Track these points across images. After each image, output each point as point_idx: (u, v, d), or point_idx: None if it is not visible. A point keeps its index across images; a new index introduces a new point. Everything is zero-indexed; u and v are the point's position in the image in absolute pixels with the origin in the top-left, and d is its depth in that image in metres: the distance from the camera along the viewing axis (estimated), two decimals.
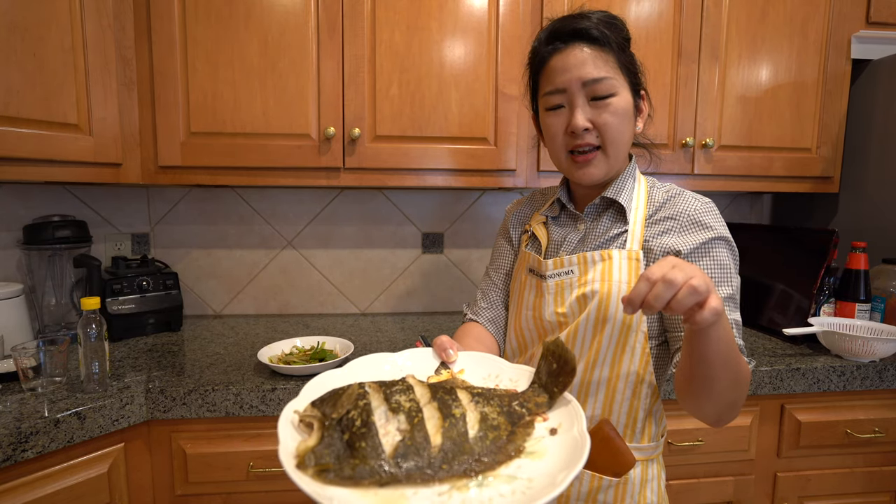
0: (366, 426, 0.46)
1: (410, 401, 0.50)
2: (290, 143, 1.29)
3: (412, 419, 0.48)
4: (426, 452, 0.45)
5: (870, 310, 1.33)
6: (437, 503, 0.41)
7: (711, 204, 0.78)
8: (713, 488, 1.20)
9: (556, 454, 0.47)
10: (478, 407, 0.52)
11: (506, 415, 0.52)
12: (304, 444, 0.46)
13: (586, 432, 0.48)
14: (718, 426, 0.73)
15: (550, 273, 0.81)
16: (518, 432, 0.50)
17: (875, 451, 1.24)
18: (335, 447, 0.45)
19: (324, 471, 0.43)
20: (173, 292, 1.46)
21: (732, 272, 0.75)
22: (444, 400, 0.51)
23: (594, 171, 0.77)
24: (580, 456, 0.44)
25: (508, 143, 1.34)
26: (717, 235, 0.75)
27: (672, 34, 1.38)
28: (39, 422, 0.88)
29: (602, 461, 0.76)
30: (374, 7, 1.28)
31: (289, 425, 0.49)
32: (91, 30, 1.15)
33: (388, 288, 1.72)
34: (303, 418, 0.50)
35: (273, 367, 1.09)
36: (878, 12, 1.46)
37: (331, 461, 0.44)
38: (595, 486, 0.78)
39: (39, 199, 1.48)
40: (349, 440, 0.45)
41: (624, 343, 0.75)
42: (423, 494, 0.42)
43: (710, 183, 1.46)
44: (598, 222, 0.82)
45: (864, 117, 1.49)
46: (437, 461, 0.45)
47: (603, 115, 0.74)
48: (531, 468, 0.46)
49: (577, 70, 0.74)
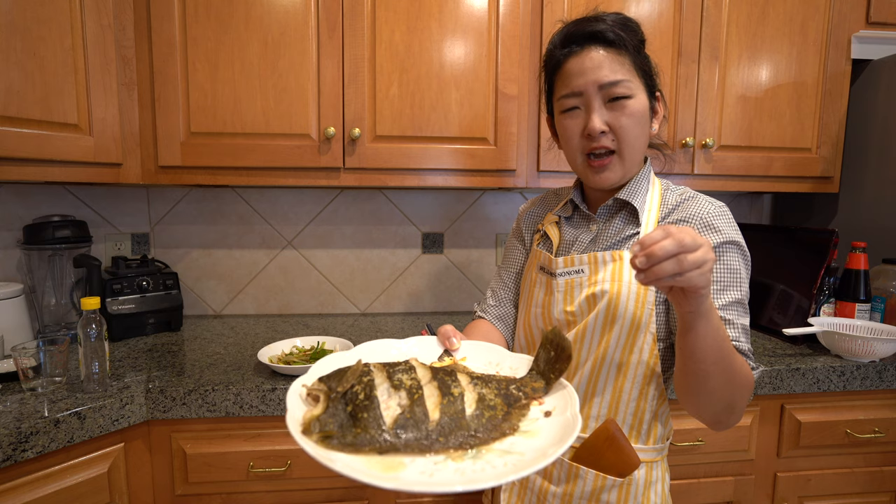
0: (368, 399, 0.49)
1: (412, 379, 0.53)
2: (291, 143, 1.29)
3: (412, 395, 0.50)
4: (424, 426, 0.48)
5: (870, 310, 1.33)
6: (432, 470, 0.44)
7: (725, 208, 0.77)
8: (713, 488, 1.20)
9: (549, 433, 0.49)
10: (476, 388, 0.54)
11: (503, 397, 0.54)
12: (310, 413, 0.49)
13: (579, 414, 0.50)
14: (718, 429, 0.73)
15: (561, 271, 0.81)
16: (514, 413, 0.52)
17: (875, 451, 1.24)
18: (339, 417, 0.48)
19: (327, 437, 0.46)
20: (173, 292, 1.46)
21: (743, 277, 0.74)
22: (444, 380, 0.54)
23: (610, 176, 0.77)
24: (571, 434, 0.46)
25: (508, 143, 1.34)
26: (729, 240, 0.74)
27: (672, 34, 1.38)
28: (39, 422, 0.88)
29: (606, 461, 0.77)
30: (374, 7, 1.28)
31: (297, 397, 0.52)
32: (91, 30, 1.15)
33: (388, 288, 1.72)
34: (310, 392, 0.53)
35: (273, 367, 1.09)
36: (878, 12, 1.46)
37: (334, 429, 0.47)
38: (599, 486, 0.77)
39: (39, 199, 1.48)
40: (352, 411, 0.48)
41: (632, 344, 0.75)
42: (419, 462, 0.45)
43: (709, 183, 1.46)
44: (611, 223, 0.82)
45: (864, 117, 1.49)
46: (434, 434, 0.48)
47: (620, 117, 0.74)
48: (524, 445, 0.48)
49: (593, 73, 0.74)
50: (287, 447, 1.06)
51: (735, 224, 0.76)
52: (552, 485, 0.81)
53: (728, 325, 0.73)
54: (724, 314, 0.73)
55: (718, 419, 0.70)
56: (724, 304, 0.73)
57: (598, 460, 0.77)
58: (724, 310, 0.73)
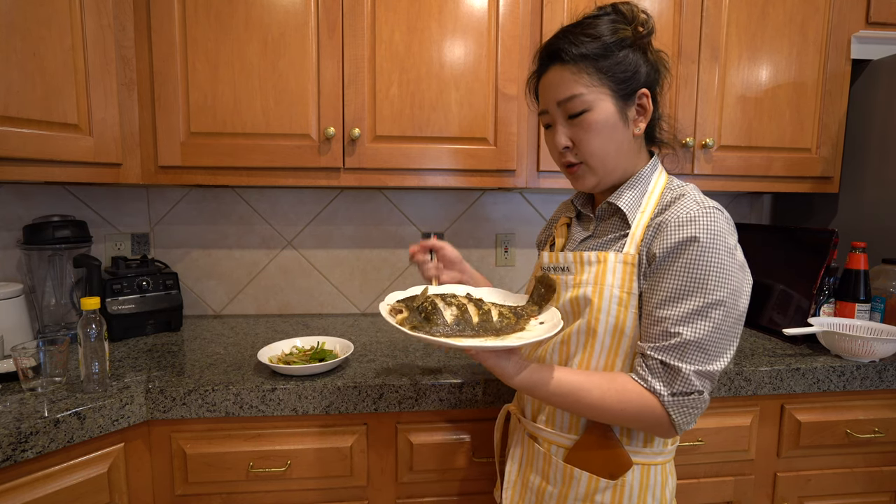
0: (434, 308, 0.76)
1: (458, 301, 0.79)
2: (290, 143, 1.29)
3: (461, 308, 0.77)
4: (468, 324, 0.75)
5: (869, 310, 1.33)
6: (477, 341, 0.71)
7: (712, 210, 0.71)
8: (713, 488, 1.20)
9: (542, 330, 0.75)
10: (497, 308, 0.81)
11: (514, 313, 0.80)
12: (400, 317, 0.76)
13: (560, 320, 0.75)
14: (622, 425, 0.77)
15: (546, 266, 0.85)
16: (520, 322, 0.79)
17: (875, 451, 1.24)
18: (417, 318, 0.75)
19: (415, 327, 0.73)
20: (173, 292, 1.46)
21: (710, 279, 0.68)
22: (478, 302, 0.81)
23: (585, 182, 0.82)
24: (556, 329, 0.71)
25: (508, 143, 1.34)
26: (687, 237, 0.69)
27: (672, 34, 1.38)
28: (39, 422, 0.88)
29: (597, 462, 0.78)
30: (374, 7, 1.28)
31: (386, 311, 0.77)
32: (91, 30, 1.15)
33: (388, 288, 1.72)
34: (392, 308, 0.79)
35: (273, 368, 1.09)
36: (878, 12, 1.46)
37: (417, 323, 0.74)
38: (593, 488, 0.78)
39: (39, 199, 1.48)
40: (425, 315, 0.75)
41: (617, 347, 0.76)
42: (468, 340, 0.72)
43: (709, 183, 1.46)
44: (608, 224, 0.83)
45: (864, 117, 1.49)
46: (475, 327, 0.75)
47: (578, 132, 0.78)
48: (528, 335, 0.74)
49: (552, 91, 0.79)
50: (287, 447, 1.06)
51: (717, 226, 0.70)
52: (549, 485, 0.82)
53: (643, 357, 0.72)
54: (675, 328, 0.69)
55: (626, 426, 0.76)
56: (678, 318, 0.69)
57: (589, 461, 0.78)
58: (677, 324, 0.69)
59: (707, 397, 0.71)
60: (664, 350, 0.70)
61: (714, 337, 0.69)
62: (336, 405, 1.05)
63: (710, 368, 0.70)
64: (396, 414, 1.09)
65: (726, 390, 1.15)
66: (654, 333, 0.72)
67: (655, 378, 0.71)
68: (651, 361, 0.72)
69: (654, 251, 0.73)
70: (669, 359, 0.70)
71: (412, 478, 1.11)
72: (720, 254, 0.69)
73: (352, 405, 1.05)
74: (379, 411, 1.07)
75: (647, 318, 0.73)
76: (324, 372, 1.10)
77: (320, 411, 1.05)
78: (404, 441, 1.09)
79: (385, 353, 1.26)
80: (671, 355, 0.70)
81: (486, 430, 1.11)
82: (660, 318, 0.71)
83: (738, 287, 0.70)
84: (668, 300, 0.71)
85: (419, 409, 1.07)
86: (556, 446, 0.82)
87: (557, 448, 0.82)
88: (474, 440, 1.11)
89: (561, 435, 0.81)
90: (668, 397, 0.70)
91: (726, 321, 0.70)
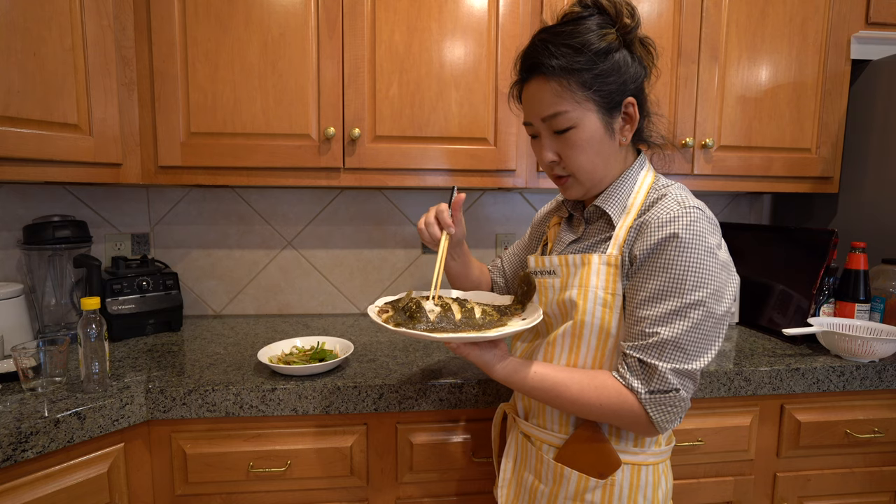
0: (418, 308, 0.79)
1: (443, 302, 0.83)
2: (290, 143, 1.29)
3: (444, 307, 0.81)
4: (451, 321, 0.78)
5: (869, 310, 1.33)
6: (457, 334, 0.73)
7: (692, 210, 0.70)
8: (713, 488, 1.20)
9: (524, 325, 0.77)
10: (481, 307, 0.84)
11: (497, 311, 0.84)
12: (385, 315, 0.81)
13: (542, 313, 0.80)
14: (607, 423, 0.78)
15: (533, 270, 0.85)
16: (504, 319, 0.82)
17: (875, 452, 1.24)
18: (402, 317, 0.79)
19: (398, 324, 0.77)
20: (173, 292, 1.46)
21: (689, 278, 0.68)
22: (462, 301, 0.85)
23: (573, 192, 0.82)
24: (536, 321, 0.77)
25: (508, 144, 1.34)
26: (669, 235, 0.68)
27: (672, 34, 1.38)
28: (39, 422, 0.88)
29: (586, 461, 0.78)
30: (374, 7, 1.28)
31: (374, 313, 0.82)
32: (91, 30, 1.15)
33: (388, 288, 1.72)
34: (380, 309, 0.84)
35: (273, 368, 1.09)
36: (878, 12, 1.46)
37: (401, 321, 0.78)
38: (582, 487, 0.78)
39: (39, 199, 1.48)
40: (409, 315, 0.79)
41: (603, 348, 0.77)
42: (450, 335, 0.73)
43: (709, 183, 1.46)
44: (595, 226, 0.83)
45: (864, 117, 1.49)
46: (456, 324, 0.78)
47: (564, 148, 0.77)
48: (509, 330, 0.76)
49: (536, 106, 0.77)
50: (287, 447, 1.06)
51: (700, 225, 0.69)
52: (542, 483, 0.82)
53: (623, 356, 0.73)
54: (653, 328, 0.70)
55: (594, 419, 0.77)
56: (656, 317, 0.69)
57: (578, 460, 0.79)
58: (655, 324, 0.69)
59: (685, 395, 0.71)
60: (642, 349, 0.71)
61: (692, 337, 0.69)
62: (336, 405, 1.05)
63: (689, 367, 0.70)
64: (396, 414, 1.09)
65: (726, 390, 1.15)
66: (635, 333, 0.73)
67: (634, 376, 0.72)
68: (630, 360, 0.73)
69: (636, 252, 0.73)
70: (647, 357, 0.71)
71: (412, 478, 1.11)
72: (700, 253, 0.68)
73: (352, 405, 1.06)
74: (379, 411, 1.07)
75: (629, 318, 0.74)
76: (324, 372, 1.10)
77: (320, 411, 1.05)
78: (404, 441, 1.09)
79: (385, 353, 1.26)
80: (649, 354, 0.71)
81: (486, 430, 1.11)
82: (640, 318, 0.72)
83: (719, 287, 0.70)
84: (648, 300, 0.71)
85: (419, 409, 1.07)
86: (548, 445, 0.82)
87: (549, 447, 0.82)
88: (474, 440, 1.11)
89: (552, 434, 0.82)
90: (645, 395, 0.71)
91: (706, 321, 0.69)
